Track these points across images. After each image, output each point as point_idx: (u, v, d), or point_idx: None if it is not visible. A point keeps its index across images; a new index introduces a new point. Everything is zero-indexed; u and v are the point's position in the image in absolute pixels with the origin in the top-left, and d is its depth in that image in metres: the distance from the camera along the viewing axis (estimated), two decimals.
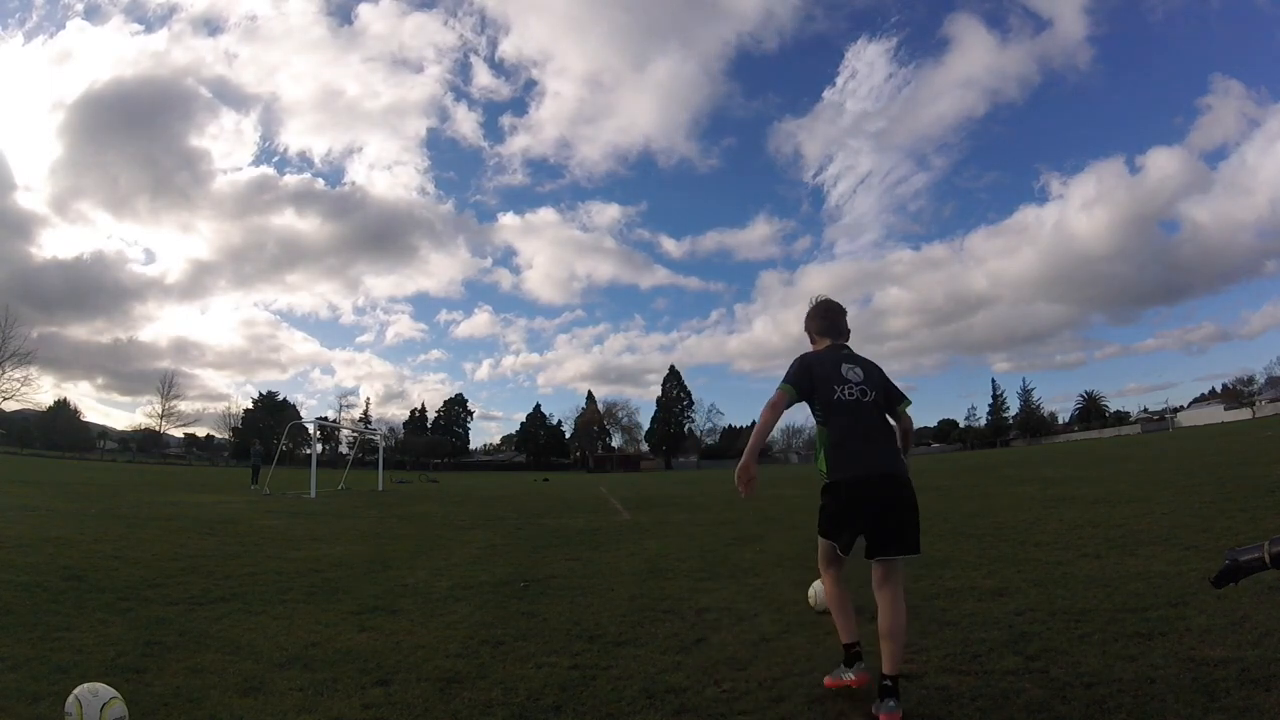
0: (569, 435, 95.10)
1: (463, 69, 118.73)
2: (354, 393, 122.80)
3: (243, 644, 3.59)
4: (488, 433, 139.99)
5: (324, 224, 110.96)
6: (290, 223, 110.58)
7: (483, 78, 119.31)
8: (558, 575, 5.79)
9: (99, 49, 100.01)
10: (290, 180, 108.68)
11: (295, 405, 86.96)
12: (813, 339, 3.17)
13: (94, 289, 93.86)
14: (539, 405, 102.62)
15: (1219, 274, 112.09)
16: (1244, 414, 58.73)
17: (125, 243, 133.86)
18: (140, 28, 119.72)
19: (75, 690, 2.47)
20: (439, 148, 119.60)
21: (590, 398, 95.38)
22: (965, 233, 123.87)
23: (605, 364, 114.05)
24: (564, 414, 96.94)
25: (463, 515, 12.48)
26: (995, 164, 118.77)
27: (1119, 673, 2.73)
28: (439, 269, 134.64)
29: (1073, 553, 5.40)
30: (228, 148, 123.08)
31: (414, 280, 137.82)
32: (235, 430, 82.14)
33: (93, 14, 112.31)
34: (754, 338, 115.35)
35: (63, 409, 73.99)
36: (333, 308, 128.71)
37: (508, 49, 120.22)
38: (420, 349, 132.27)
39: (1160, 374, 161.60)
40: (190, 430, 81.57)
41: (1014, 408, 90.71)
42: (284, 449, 47.00)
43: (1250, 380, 73.61)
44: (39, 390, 59.60)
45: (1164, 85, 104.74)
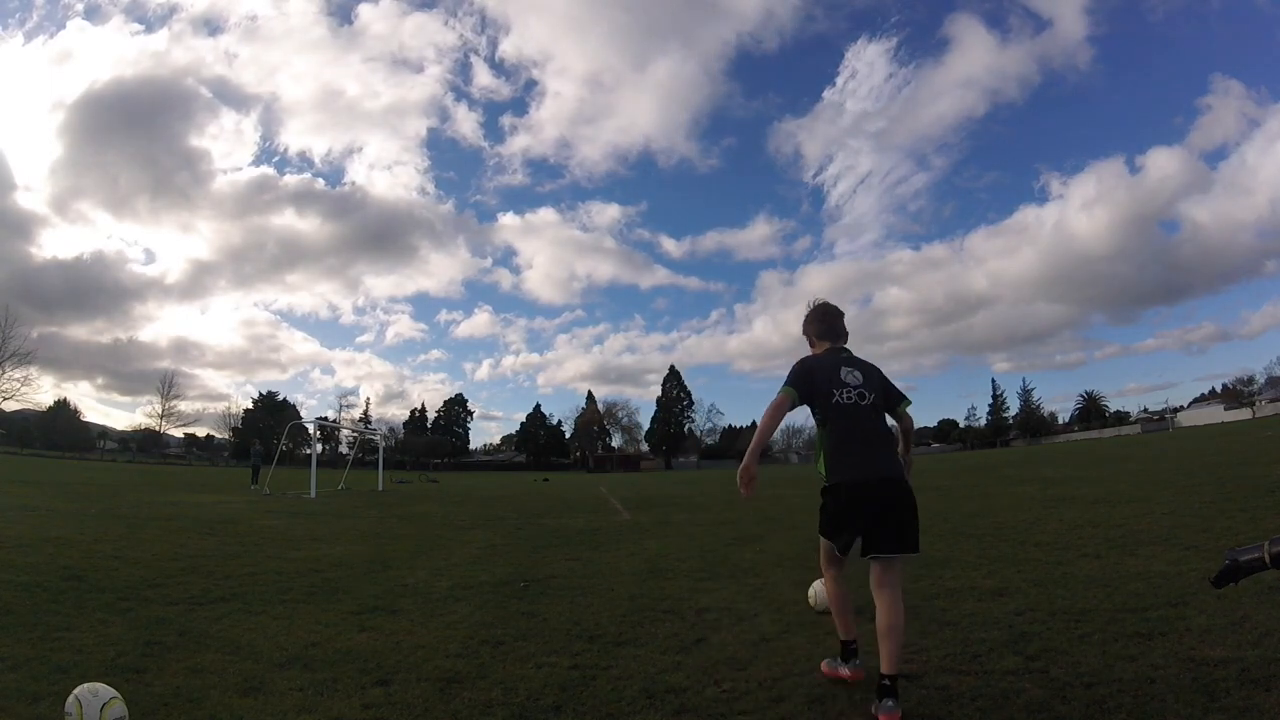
0: (569, 435, 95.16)
1: (463, 69, 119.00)
2: (354, 393, 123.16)
3: (243, 644, 3.59)
4: (488, 433, 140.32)
5: (324, 224, 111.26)
6: (290, 223, 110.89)
7: (483, 78, 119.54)
8: (558, 575, 5.79)
9: (99, 49, 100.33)
10: (290, 180, 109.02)
11: (295, 405, 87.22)
12: (812, 342, 3.20)
13: (94, 289, 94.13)
14: (539, 405, 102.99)
15: (1219, 274, 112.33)
16: (1244, 414, 58.73)
17: (125, 243, 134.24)
18: (140, 28, 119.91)
19: (75, 690, 2.47)
20: (439, 148, 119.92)
21: (590, 398, 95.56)
22: (965, 233, 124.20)
23: (605, 364, 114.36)
24: (564, 414, 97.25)
25: (463, 515, 12.49)
26: (995, 164, 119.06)
27: (1119, 673, 2.73)
28: (439, 269, 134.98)
29: (1073, 553, 5.40)
30: (228, 148, 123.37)
31: (414, 280, 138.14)
32: (235, 430, 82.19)
33: (93, 14, 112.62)
34: (754, 338, 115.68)
35: (63, 409, 74.04)
36: (333, 308, 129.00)
37: (508, 49, 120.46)
38: (420, 349, 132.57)
39: (1160, 374, 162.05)
40: (190, 430, 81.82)
41: (1014, 408, 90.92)
42: (284, 449, 47.03)
43: (1250, 380, 73.72)
44: (39, 390, 59.76)
45: (1164, 85, 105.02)
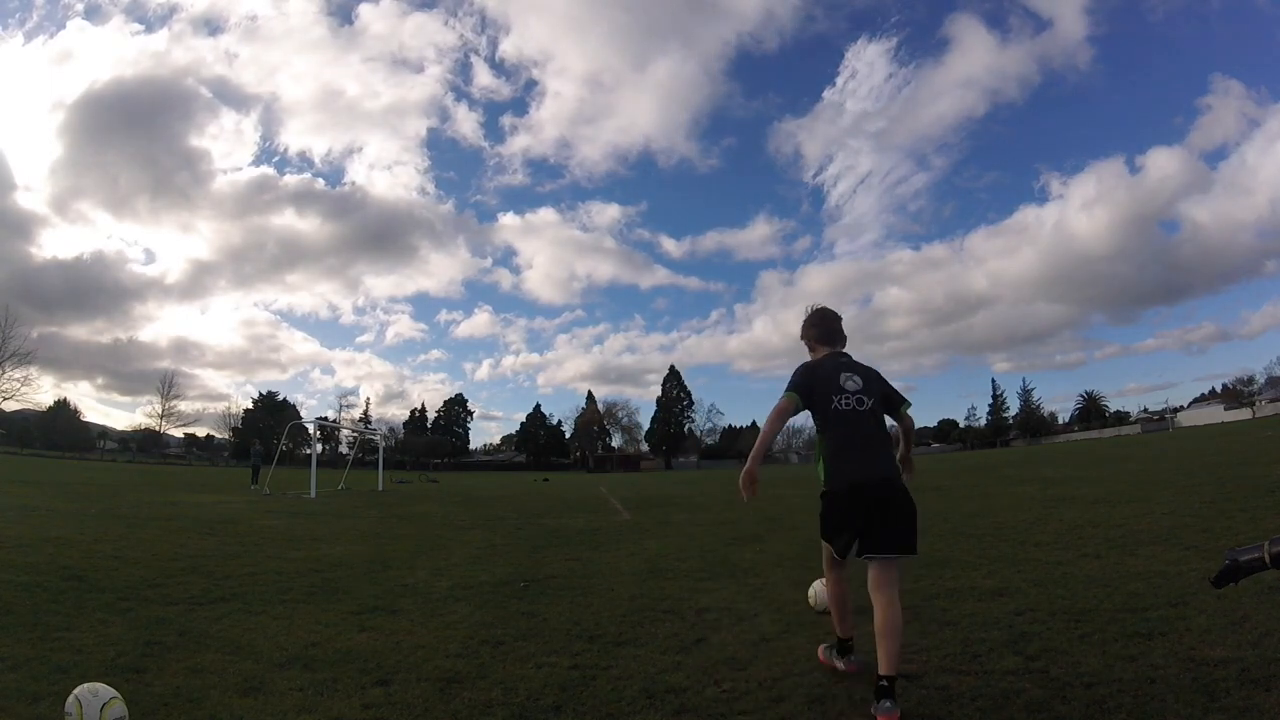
0: (569, 435, 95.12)
1: (463, 69, 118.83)
2: (354, 393, 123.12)
3: (243, 644, 3.60)
4: (488, 433, 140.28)
5: (324, 224, 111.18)
6: (290, 223, 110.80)
7: (483, 78, 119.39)
8: (558, 575, 5.79)
9: (99, 49, 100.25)
10: (290, 180, 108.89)
11: (295, 405, 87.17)
12: (811, 347, 3.24)
13: (94, 289, 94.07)
14: (539, 405, 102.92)
15: (1219, 274, 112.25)
16: (1244, 414, 58.71)
17: (125, 243, 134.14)
18: (140, 28, 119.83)
19: (75, 690, 2.47)
20: (439, 148, 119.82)
21: (590, 398, 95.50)
22: (965, 233, 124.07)
23: (605, 364, 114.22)
24: (564, 414, 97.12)
25: (463, 515, 12.48)
26: (995, 164, 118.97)
27: (1119, 673, 2.73)
28: (439, 269, 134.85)
29: (1073, 553, 5.40)
30: (228, 148, 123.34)
31: (414, 280, 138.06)
32: (235, 430, 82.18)
33: (93, 14, 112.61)
34: (754, 338, 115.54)
35: (63, 409, 74.04)
36: (333, 308, 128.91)
37: (508, 49, 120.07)
38: (420, 349, 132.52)
39: (1160, 374, 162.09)
40: (190, 430, 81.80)
41: (1014, 408, 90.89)
42: (284, 449, 47.02)
43: (1250, 380, 73.69)
44: (39, 390, 59.75)
45: (1164, 85, 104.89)
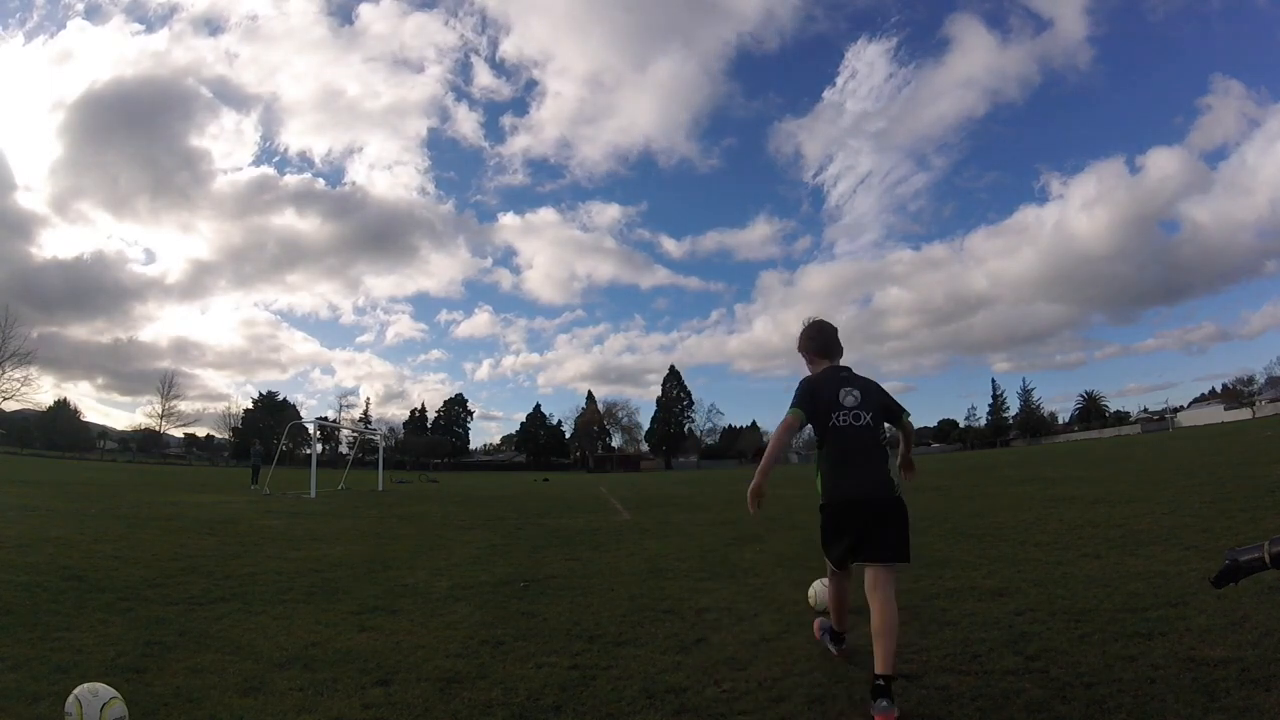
0: (569, 435, 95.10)
1: (463, 69, 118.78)
2: (354, 393, 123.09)
3: (243, 644, 3.60)
4: (488, 433, 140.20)
5: (324, 224, 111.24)
6: (290, 223, 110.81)
7: (483, 78, 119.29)
8: (558, 575, 5.79)
9: (99, 49, 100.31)
10: (290, 180, 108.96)
11: (295, 405, 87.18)
12: (810, 359, 3.28)
13: (94, 289, 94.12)
14: (539, 405, 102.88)
15: (1219, 274, 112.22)
16: (1244, 414, 58.73)
17: (125, 243, 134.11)
18: (141, 27, 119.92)
19: (75, 690, 2.47)
20: (439, 148, 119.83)
21: (590, 398, 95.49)
22: (965, 233, 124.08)
23: (605, 364, 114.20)
24: (564, 414, 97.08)
25: (463, 515, 12.48)
26: (995, 164, 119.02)
27: (1119, 673, 2.73)
28: (439, 269, 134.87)
29: (1073, 553, 5.41)
30: (228, 148, 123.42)
31: (414, 280, 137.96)
32: (235, 430, 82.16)
33: (93, 14, 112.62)
34: (754, 338, 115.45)
35: (63, 409, 74.08)
36: (333, 308, 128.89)
37: (508, 49, 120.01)
38: (420, 349, 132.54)
39: (1160, 374, 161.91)
40: (190, 430, 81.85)
41: (1014, 408, 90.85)
42: (284, 449, 47.03)
43: (1250, 380, 73.72)
44: (39, 390, 59.75)
45: (1164, 85, 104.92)
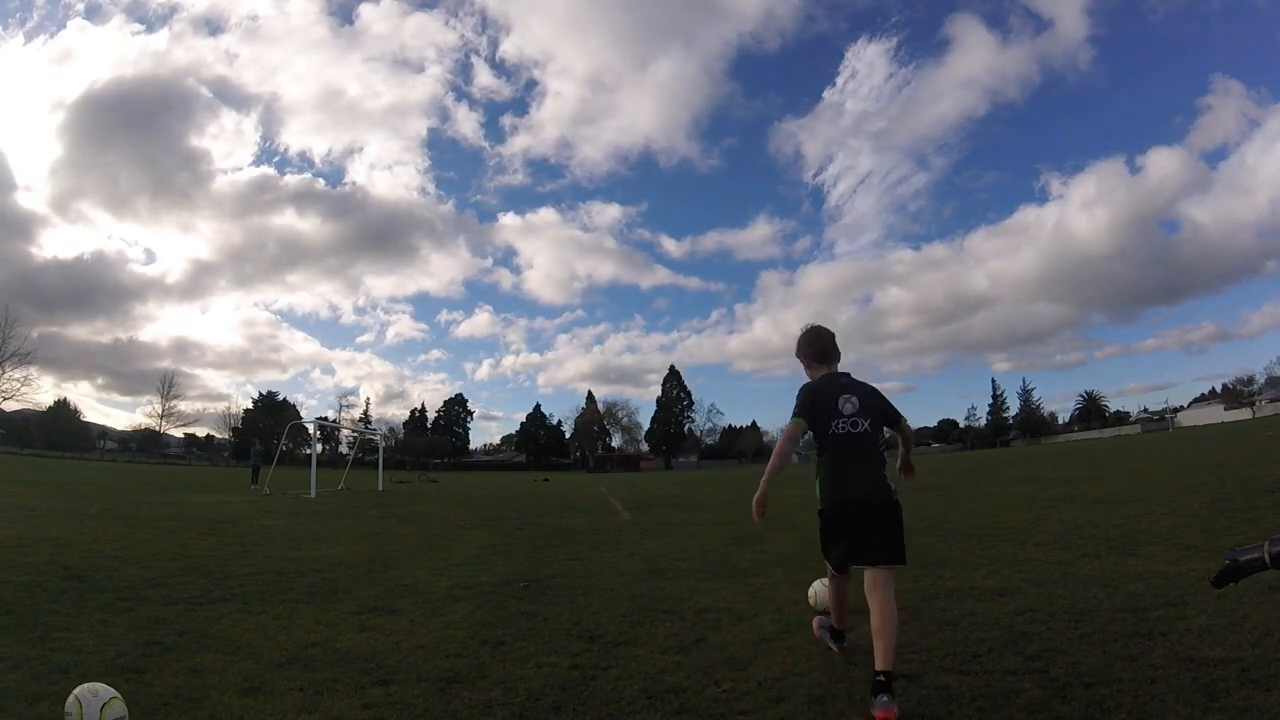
0: (569, 435, 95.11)
1: (464, 69, 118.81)
2: (354, 393, 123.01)
3: (243, 644, 3.60)
4: (488, 433, 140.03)
5: (324, 224, 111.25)
6: (291, 223, 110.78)
7: (484, 78, 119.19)
8: (558, 575, 5.79)
9: (100, 49, 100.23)
10: (291, 180, 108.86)
11: (295, 405, 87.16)
12: (808, 365, 3.33)
13: (94, 289, 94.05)
14: (539, 405, 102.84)
15: (1219, 274, 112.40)
16: (1244, 414, 58.75)
17: (125, 243, 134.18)
18: (141, 27, 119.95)
19: (75, 690, 2.47)
20: (440, 148, 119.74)
21: (590, 398, 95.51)
22: (965, 233, 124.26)
23: (605, 364, 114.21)
24: (564, 414, 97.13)
25: (463, 515, 12.48)
26: (995, 164, 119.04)
27: (1119, 673, 2.73)
28: (439, 269, 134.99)
29: (1073, 553, 5.40)
30: (228, 148, 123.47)
31: (414, 280, 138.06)
32: (235, 430, 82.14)
33: (93, 14, 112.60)
34: (754, 338, 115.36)
35: (63, 409, 74.05)
36: (333, 308, 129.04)
37: (509, 49, 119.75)
38: (420, 349, 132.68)
39: (1160, 374, 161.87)
40: (190, 430, 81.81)
41: (1014, 408, 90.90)
42: (284, 449, 47.01)
43: (1250, 380, 73.62)
44: (39, 390, 59.58)
45: (1164, 85, 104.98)
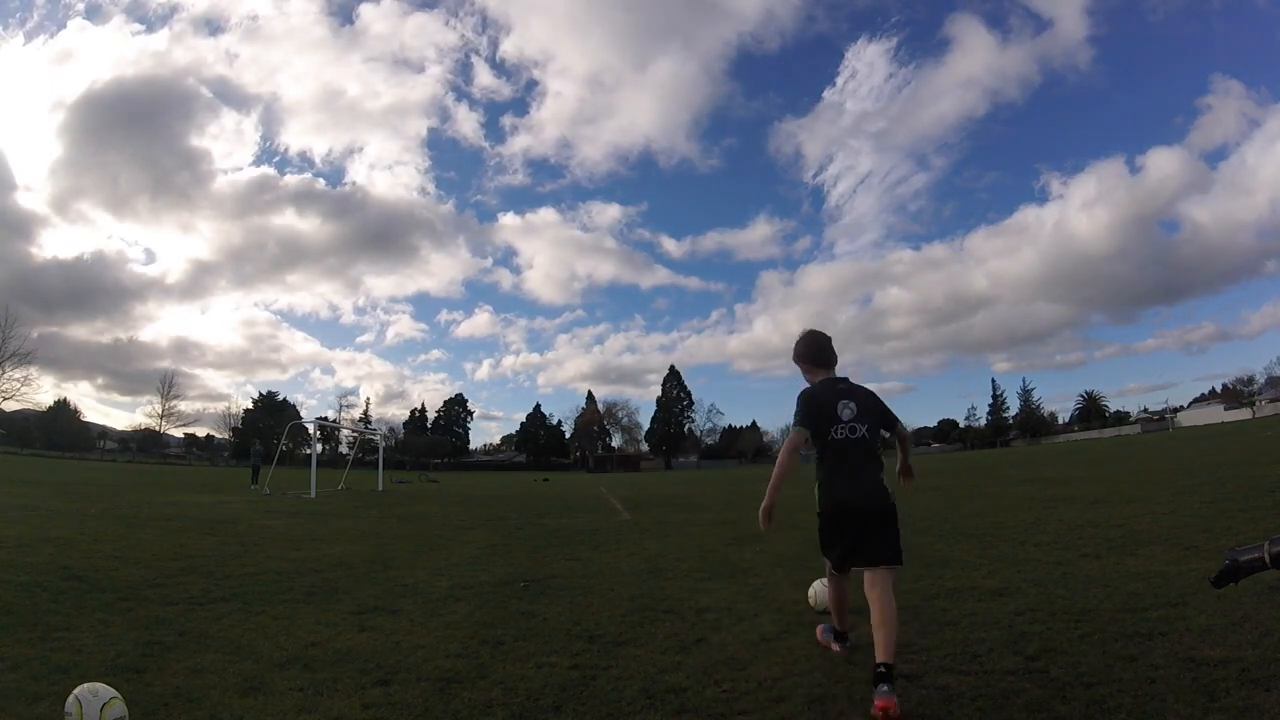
0: (569, 435, 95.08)
1: (464, 69, 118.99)
2: (354, 393, 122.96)
3: (243, 644, 3.60)
4: (488, 433, 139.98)
5: (324, 224, 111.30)
6: (291, 223, 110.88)
7: (484, 78, 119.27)
8: (558, 575, 5.79)
9: (100, 49, 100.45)
10: (291, 180, 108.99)
11: (295, 405, 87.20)
12: (807, 369, 3.37)
13: (94, 289, 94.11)
14: (539, 405, 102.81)
15: (1219, 274, 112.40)
16: (1244, 414, 58.76)
17: (125, 243, 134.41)
18: (141, 27, 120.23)
19: (75, 690, 2.47)
20: (440, 148, 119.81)
21: (590, 398, 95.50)
22: (965, 233, 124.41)
23: (605, 364, 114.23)
24: (564, 414, 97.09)
25: (463, 515, 12.48)
26: (995, 164, 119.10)
27: (1119, 673, 2.73)
28: (439, 269, 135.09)
29: (1073, 553, 5.40)
30: (228, 148, 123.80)
31: (414, 280, 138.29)
32: (235, 430, 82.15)
33: (94, 14, 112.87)
34: (754, 338, 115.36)
35: (63, 409, 74.06)
36: (333, 308, 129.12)
37: (509, 49, 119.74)
38: (420, 349, 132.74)
39: (1160, 374, 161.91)
40: (190, 430, 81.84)
41: (1014, 408, 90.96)
42: (284, 449, 46.99)
43: (1250, 380, 73.66)
44: (39, 390, 59.58)
45: (1164, 85, 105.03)
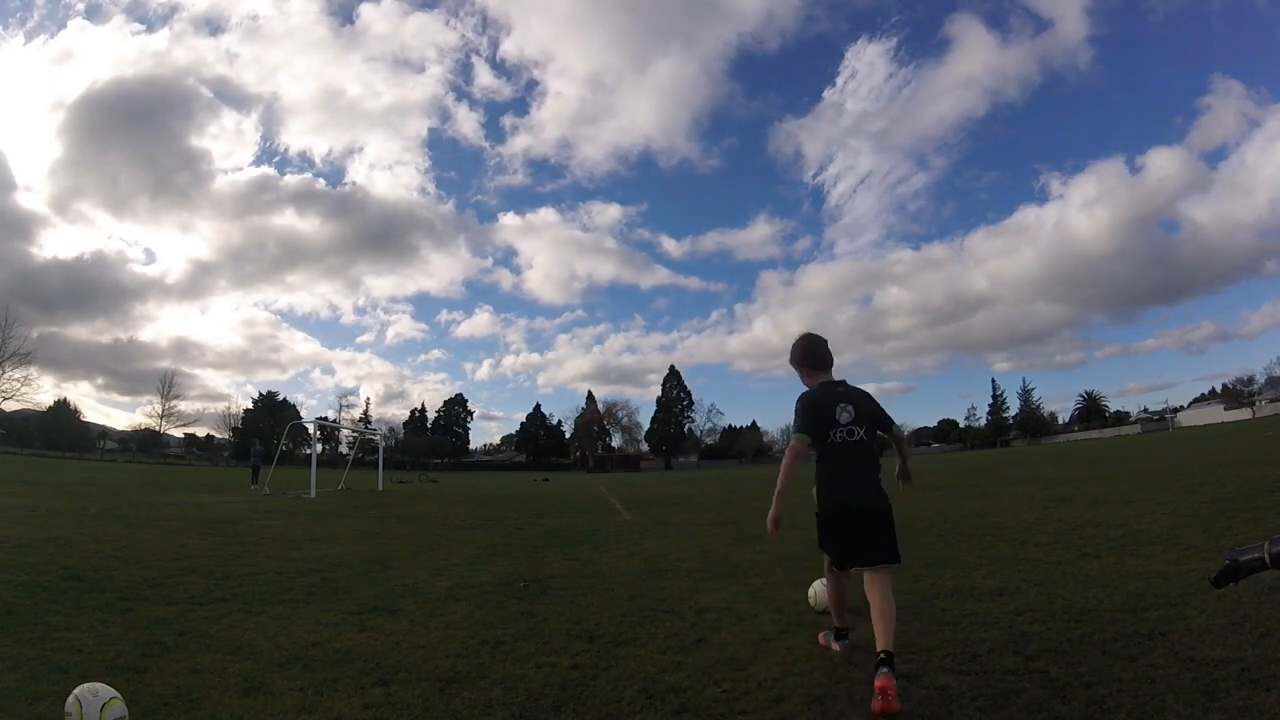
0: (569, 435, 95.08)
1: (464, 69, 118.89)
2: (354, 393, 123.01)
3: (243, 644, 3.60)
4: (488, 433, 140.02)
5: (324, 224, 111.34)
6: (291, 223, 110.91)
7: (484, 78, 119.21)
8: (558, 575, 5.79)
9: (100, 49, 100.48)
10: (291, 180, 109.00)
11: (295, 405, 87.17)
12: (804, 373, 3.42)
13: (94, 289, 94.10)
14: (539, 405, 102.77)
15: (1219, 274, 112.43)
16: (1244, 414, 58.76)
17: (125, 243, 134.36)
18: (141, 27, 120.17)
19: (75, 690, 2.47)
20: (440, 148, 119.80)
21: (590, 398, 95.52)
22: (965, 233, 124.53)
23: (605, 364, 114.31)
24: (564, 414, 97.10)
25: (463, 515, 12.48)
26: (995, 164, 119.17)
27: (1119, 673, 2.73)
28: (439, 269, 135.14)
29: (1073, 553, 5.40)
30: (228, 148, 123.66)
31: (414, 280, 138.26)
32: (235, 430, 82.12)
33: (94, 13, 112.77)
34: (754, 338, 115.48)
35: (63, 409, 74.00)
36: (333, 308, 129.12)
37: (509, 49, 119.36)
38: (420, 349, 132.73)
39: (1160, 374, 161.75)
40: (190, 430, 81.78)
41: (1014, 408, 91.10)
42: (284, 449, 47.01)
43: (1250, 380, 73.67)
44: (39, 390, 59.49)
45: (1164, 85, 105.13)
